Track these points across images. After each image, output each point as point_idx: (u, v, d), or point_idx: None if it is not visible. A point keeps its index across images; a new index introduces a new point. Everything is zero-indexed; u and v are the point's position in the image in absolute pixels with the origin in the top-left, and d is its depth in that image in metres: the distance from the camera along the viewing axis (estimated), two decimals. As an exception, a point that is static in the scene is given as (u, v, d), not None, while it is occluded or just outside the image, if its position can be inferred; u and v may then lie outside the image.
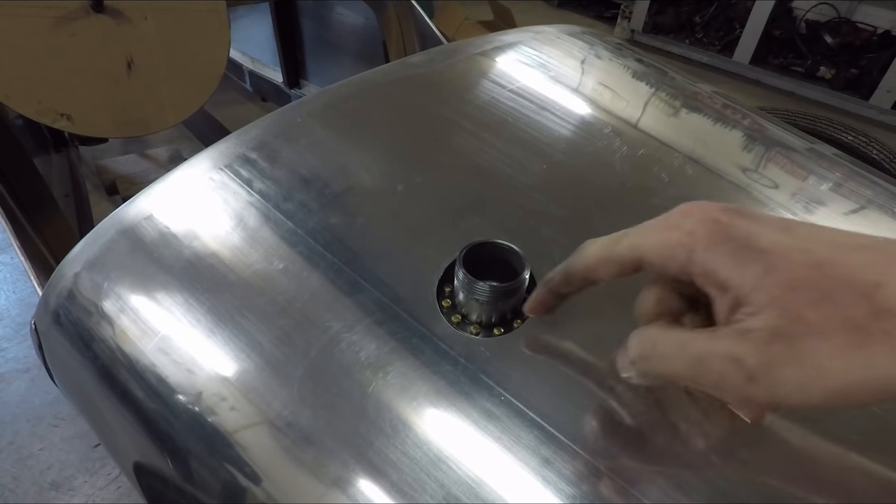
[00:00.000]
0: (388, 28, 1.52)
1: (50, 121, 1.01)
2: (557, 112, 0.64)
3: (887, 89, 2.76)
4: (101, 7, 1.01)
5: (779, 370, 0.24)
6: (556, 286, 0.35)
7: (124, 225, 0.50)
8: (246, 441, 0.39)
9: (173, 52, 1.11)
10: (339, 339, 0.40)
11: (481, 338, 0.40)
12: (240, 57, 2.30)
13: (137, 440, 0.45)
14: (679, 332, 0.28)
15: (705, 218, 0.27)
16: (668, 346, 0.28)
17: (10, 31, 0.94)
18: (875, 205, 0.59)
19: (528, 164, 0.56)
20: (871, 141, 1.43)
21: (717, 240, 0.26)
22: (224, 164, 0.53)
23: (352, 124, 0.59)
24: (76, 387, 0.54)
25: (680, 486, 0.32)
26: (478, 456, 0.35)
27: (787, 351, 0.24)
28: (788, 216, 0.54)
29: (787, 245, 0.25)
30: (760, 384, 0.25)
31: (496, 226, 0.49)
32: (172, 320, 0.44)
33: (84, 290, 0.49)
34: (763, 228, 0.26)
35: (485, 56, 0.72)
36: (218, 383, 0.41)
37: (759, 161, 0.63)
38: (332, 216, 0.49)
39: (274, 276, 0.45)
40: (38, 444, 1.26)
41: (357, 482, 0.35)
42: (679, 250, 0.27)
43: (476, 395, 0.37)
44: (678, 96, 0.74)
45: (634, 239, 0.30)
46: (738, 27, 3.23)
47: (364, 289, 0.43)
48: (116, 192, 1.87)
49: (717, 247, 0.26)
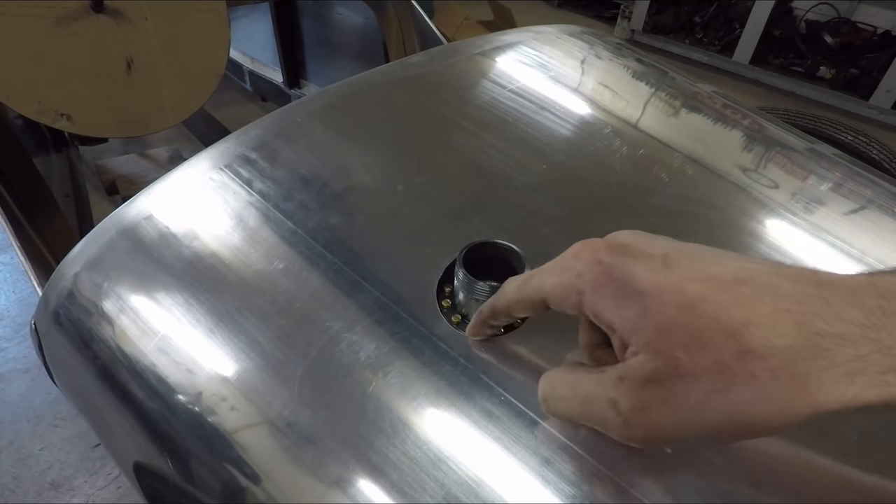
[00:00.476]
0: (388, 28, 1.52)
1: (50, 121, 1.01)
2: (557, 112, 0.64)
3: (887, 89, 2.76)
4: (101, 7, 1.00)
5: (652, 413, 0.25)
6: (486, 318, 0.36)
7: (124, 225, 0.50)
8: (246, 441, 0.39)
9: (173, 52, 1.11)
10: (339, 339, 0.40)
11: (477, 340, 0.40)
12: (240, 57, 2.30)
13: (137, 440, 0.45)
14: (575, 374, 0.29)
15: (590, 260, 0.28)
16: (564, 388, 0.29)
17: (10, 31, 0.94)
18: (875, 205, 0.59)
19: (528, 164, 0.56)
20: (871, 141, 1.43)
21: (601, 281, 0.27)
22: (224, 164, 0.53)
23: (352, 124, 0.59)
24: (76, 387, 0.54)
25: (680, 486, 0.32)
26: (478, 456, 0.35)
27: (659, 394, 0.25)
28: (788, 216, 0.54)
29: (662, 286, 0.25)
30: (635, 426, 0.26)
31: (496, 226, 0.49)
32: (172, 320, 0.44)
33: (84, 290, 0.49)
34: (644, 267, 0.26)
35: (485, 56, 0.72)
36: (218, 383, 0.41)
37: (759, 161, 0.63)
38: (332, 216, 0.49)
39: (274, 276, 0.45)
40: (39, 444, 1.26)
41: (357, 482, 0.35)
42: (571, 293, 0.28)
43: (476, 395, 0.37)
44: (678, 96, 0.74)
45: (537, 281, 0.31)
46: (738, 27, 3.23)
47: (364, 289, 0.43)
48: (116, 192, 1.87)
49: (600, 289, 0.27)
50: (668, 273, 0.26)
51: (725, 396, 0.24)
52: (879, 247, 0.53)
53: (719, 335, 0.24)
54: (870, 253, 0.52)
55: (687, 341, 0.24)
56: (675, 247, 0.27)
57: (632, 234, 0.29)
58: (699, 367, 0.24)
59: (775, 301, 0.24)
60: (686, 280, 0.25)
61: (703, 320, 0.24)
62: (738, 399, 0.24)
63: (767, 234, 0.52)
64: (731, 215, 0.53)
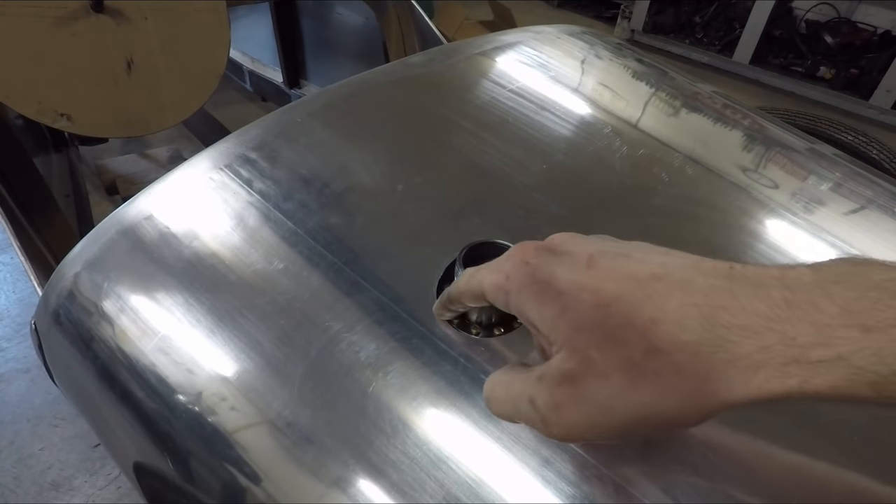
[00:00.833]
0: (388, 28, 1.52)
1: (50, 121, 1.01)
2: (557, 112, 0.64)
3: (887, 89, 2.76)
4: (101, 7, 1.01)
5: (566, 410, 0.25)
6: (444, 302, 0.37)
7: (124, 225, 0.50)
8: (246, 441, 0.39)
9: (173, 52, 1.11)
10: (339, 339, 0.40)
11: (481, 338, 0.40)
12: (240, 57, 2.30)
13: (137, 440, 0.45)
14: (510, 374, 0.29)
15: (518, 261, 0.28)
16: (500, 388, 0.30)
17: (10, 31, 0.94)
18: (875, 205, 0.59)
19: (528, 164, 0.56)
20: (871, 141, 1.43)
21: (525, 282, 0.28)
22: (224, 164, 0.53)
23: (352, 124, 0.59)
24: (76, 387, 0.54)
25: (680, 486, 0.32)
26: (478, 456, 0.35)
27: (573, 392, 0.25)
28: (788, 216, 0.54)
29: (580, 285, 0.26)
30: (552, 424, 0.26)
31: (496, 226, 0.49)
32: (172, 320, 0.44)
33: (84, 290, 0.49)
34: (566, 268, 0.27)
35: (485, 56, 0.72)
36: (218, 383, 0.41)
37: (759, 161, 0.63)
38: (332, 216, 0.49)
39: (274, 276, 0.45)
40: (39, 444, 1.26)
41: (357, 482, 0.35)
42: (499, 292, 0.29)
43: (476, 395, 0.37)
44: (678, 96, 0.74)
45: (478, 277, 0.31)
46: (738, 27, 3.23)
47: (364, 289, 0.43)
48: (116, 192, 1.87)
49: (524, 289, 0.27)
50: (589, 272, 0.26)
51: (633, 394, 0.24)
52: (879, 247, 0.53)
53: (630, 333, 0.24)
54: (870, 253, 0.52)
55: (600, 340, 0.25)
56: (603, 246, 0.28)
57: (565, 236, 0.30)
58: (609, 365, 0.24)
59: (684, 295, 0.24)
60: (604, 279, 0.26)
61: (616, 318, 0.24)
62: (645, 396, 0.24)
63: (767, 234, 0.52)
64: (731, 215, 0.53)
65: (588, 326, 0.25)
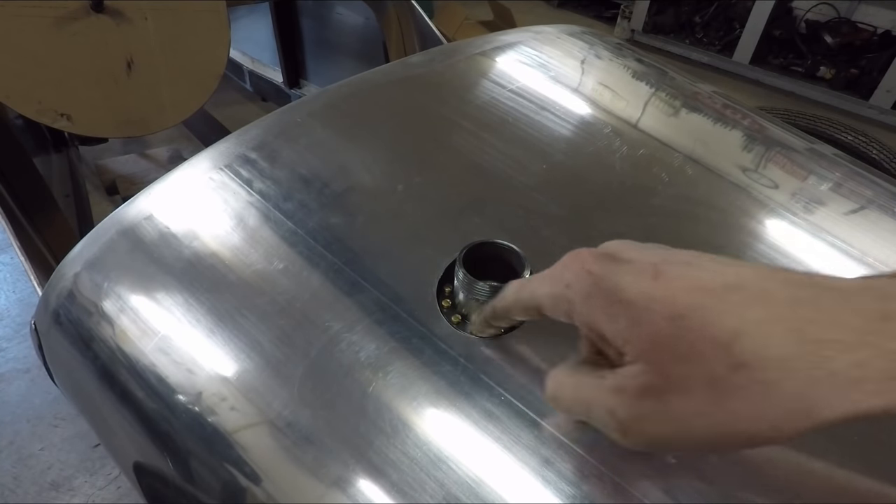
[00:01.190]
0: (388, 28, 1.52)
1: (50, 121, 1.01)
2: (557, 112, 0.64)
3: (887, 89, 2.76)
4: (101, 7, 1.01)
5: (647, 424, 0.25)
6: (487, 318, 0.37)
7: (124, 225, 0.50)
8: (246, 441, 0.39)
9: (173, 52, 1.11)
10: (339, 339, 0.40)
11: (481, 338, 0.40)
12: (240, 57, 2.30)
13: (137, 440, 0.45)
14: (577, 376, 0.29)
15: (579, 270, 0.28)
16: (568, 388, 0.29)
17: (10, 31, 0.94)
18: (875, 205, 0.59)
19: (528, 164, 0.56)
20: (871, 141, 1.43)
21: (589, 292, 0.27)
22: (224, 164, 0.53)
23: (352, 124, 0.59)
24: (76, 387, 0.54)
25: (680, 486, 0.32)
26: (478, 456, 0.35)
27: (654, 406, 0.25)
28: (788, 216, 0.54)
29: (651, 296, 0.25)
30: (632, 436, 0.26)
31: (496, 226, 0.49)
32: (172, 320, 0.44)
33: (84, 290, 0.49)
34: (632, 277, 0.26)
35: (485, 56, 0.72)
36: (218, 383, 0.41)
37: (759, 161, 0.63)
38: (332, 216, 0.49)
39: (274, 276, 0.45)
40: (39, 444, 1.26)
41: (357, 482, 0.35)
42: (561, 303, 0.28)
43: (476, 395, 0.37)
44: (678, 96, 0.74)
45: (530, 288, 0.31)
46: (738, 27, 3.23)
47: (364, 289, 0.43)
48: (116, 192, 1.87)
49: (590, 300, 0.27)
50: (657, 282, 0.25)
51: (718, 411, 0.23)
52: (879, 247, 0.53)
53: (710, 347, 0.23)
54: (870, 253, 0.52)
55: (678, 354, 0.24)
56: (664, 255, 0.27)
57: (622, 244, 0.29)
58: (691, 380, 0.24)
59: (767, 308, 0.23)
60: (675, 289, 0.25)
61: (693, 332, 0.24)
62: (732, 414, 0.23)
63: (767, 234, 0.52)
64: (731, 215, 0.53)
65: (664, 339, 0.24)
